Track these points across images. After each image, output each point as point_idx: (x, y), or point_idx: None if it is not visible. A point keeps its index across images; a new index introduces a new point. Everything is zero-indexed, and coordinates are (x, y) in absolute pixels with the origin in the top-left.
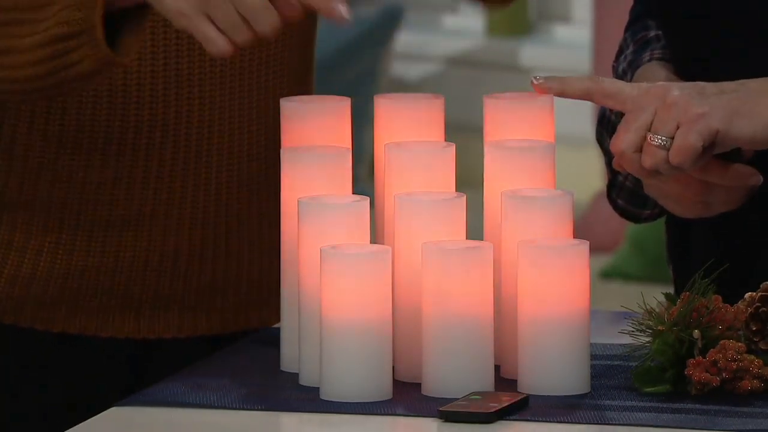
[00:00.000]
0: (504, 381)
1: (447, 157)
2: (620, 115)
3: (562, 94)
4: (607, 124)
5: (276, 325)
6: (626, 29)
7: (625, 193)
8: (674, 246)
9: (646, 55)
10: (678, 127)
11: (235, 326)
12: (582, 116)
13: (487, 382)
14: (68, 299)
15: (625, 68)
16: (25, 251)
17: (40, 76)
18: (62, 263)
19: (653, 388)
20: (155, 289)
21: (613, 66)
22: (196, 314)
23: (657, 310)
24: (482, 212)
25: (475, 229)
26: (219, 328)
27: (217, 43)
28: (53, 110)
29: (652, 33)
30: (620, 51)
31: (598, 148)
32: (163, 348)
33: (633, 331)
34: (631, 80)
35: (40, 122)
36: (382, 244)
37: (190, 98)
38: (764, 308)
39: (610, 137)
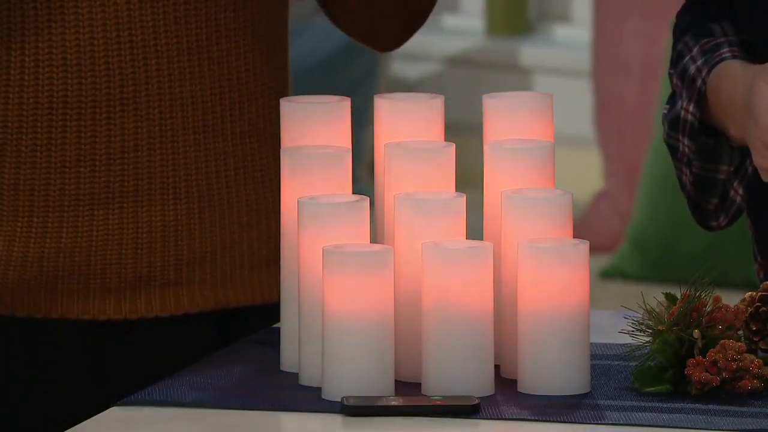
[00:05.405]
0: (504, 381)
1: (447, 157)
2: (700, 118)
3: None
4: (683, 127)
5: (276, 325)
6: (680, 36)
7: (691, 201)
8: (765, 239)
9: (724, 52)
10: None
11: (216, 304)
12: (582, 116)
13: (487, 382)
14: (46, 283)
15: (700, 66)
16: None
17: None
18: (36, 247)
19: (653, 388)
20: (133, 267)
21: (670, 73)
22: (177, 291)
23: (657, 310)
24: (482, 212)
25: (475, 229)
26: (201, 304)
27: None
28: (11, 87)
29: (721, 39)
30: (679, 56)
31: (666, 149)
32: (147, 328)
33: (633, 331)
34: (706, 79)
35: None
36: (383, 243)
37: (147, 70)
38: (764, 308)
39: (689, 138)
